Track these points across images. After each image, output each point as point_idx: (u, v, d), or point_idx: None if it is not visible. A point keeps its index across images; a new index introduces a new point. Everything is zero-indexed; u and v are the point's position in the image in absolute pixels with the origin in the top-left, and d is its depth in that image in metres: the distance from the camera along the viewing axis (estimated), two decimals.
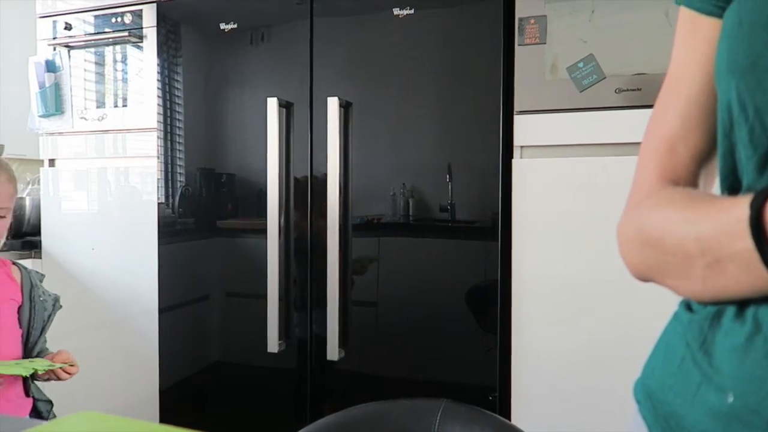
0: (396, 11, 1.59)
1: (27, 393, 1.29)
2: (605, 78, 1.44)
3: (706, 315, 0.49)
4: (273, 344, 1.68)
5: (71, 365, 1.26)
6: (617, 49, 1.44)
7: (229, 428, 1.80)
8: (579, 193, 1.46)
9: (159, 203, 1.91)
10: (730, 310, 0.47)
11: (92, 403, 2.10)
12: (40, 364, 1.21)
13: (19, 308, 1.29)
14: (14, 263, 1.35)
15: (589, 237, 1.42)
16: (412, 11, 1.57)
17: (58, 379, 1.25)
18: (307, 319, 1.70)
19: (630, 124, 1.34)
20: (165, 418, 1.89)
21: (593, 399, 1.43)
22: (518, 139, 1.54)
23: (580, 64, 1.47)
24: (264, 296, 1.68)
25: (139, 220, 1.99)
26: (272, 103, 1.66)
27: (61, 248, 2.15)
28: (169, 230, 1.90)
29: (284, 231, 1.70)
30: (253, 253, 1.72)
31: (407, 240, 1.62)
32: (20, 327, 1.28)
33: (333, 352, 1.61)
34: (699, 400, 0.47)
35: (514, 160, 1.53)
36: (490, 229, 1.52)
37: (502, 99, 1.52)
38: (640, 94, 1.40)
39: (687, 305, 0.53)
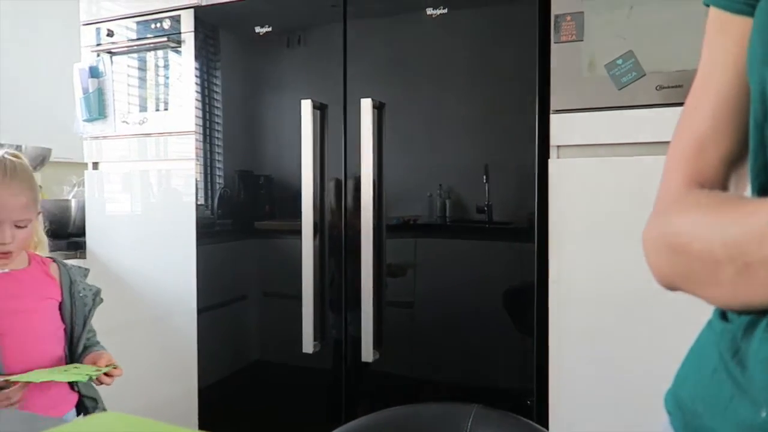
0: (429, 11, 1.58)
1: (72, 387, 1.32)
2: (645, 75, 1.40)
3: (740, 324, 0.47)
4: (308, 345, 1.69)
5: (114, 368, 1.27)
6: (657, 45, 1.39)
7: (265, 427, 1.82)
8: (617, 194, 1.42)
9: (197, 205, 1.95)
10: (765, 320, 0.44)
11: (132, 400, 2.15)
12: (88, 370, 1.23)
13: (61, 304, 1.32)
14: (54, 260, 1.38)
15: (627, 239, 1.38)
16: (445, 10, 1.56)
17: (101, 383, 1.27)
18: (342, 320, 1.70)
19: (671, 122, 1.26)
20: (203, 416, 1.93)
21: (633, 406, 1.39)
22: (554, 139, 1.51)
23: (619, 61, 1.43)
24: (300, 297, 1.69)
25: (178, 222, 2.04)
26: (306, 105, 1.68)
27: (105, 248, 2.22)
28: (207, 231, 1.94)
29: (319, 232, 1.71)
30: (290, 254, 1.73)
31: (444, 241, 1.61)
32: (63, 322, 1.31)
33: (367, 353, 1.61)
34: (731, 414, 0.45)
35: (550, 161, 1.50)
36: (527, 231, 1.50)
37: (538, 98, 1.50)
38: (681, 91, 1.35)
39: (721, 313, 0.51)
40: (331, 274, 1.72)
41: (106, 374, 1.25)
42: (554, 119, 1.50)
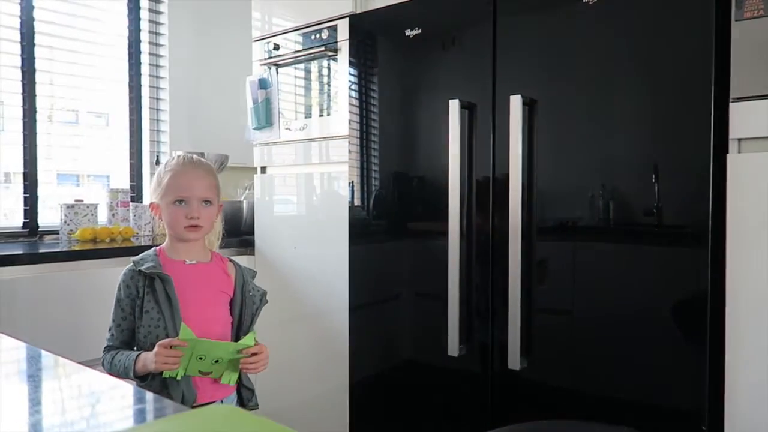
0: None
1: (241, 380, 1.44)
2: None
3: None
4: (453, 348, 1.66)
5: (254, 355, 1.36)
6: None
7: (412, 426, 1.83)
8: None
9: (351, 206, 2.02)
10: None
11: (288, 391, 2.29)
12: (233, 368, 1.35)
13: (232, 300, 1.45)
14: (230, 260, 1.52)
15: None
16: None
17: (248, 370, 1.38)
18: (488, 325, 1.65)
19: None
20: (354, 411, 1.99)
21: None
22: (735, 131, 1.32)
23: None
24: (447, 298, 1.67)
25: (335, 222, 2.13)
26: (454, 105, 1.65)
27: (270, 247, 2.39)
28: (360, 231, 2.00)
29: (466, 233, 1.68)
30: (439, 255, 1.72)
31: (606, 245, 1.49)
32: (231, 316, 1.44)
33: (514, 361, 1.54)
34: None
35: (728, 156, 1.32)
36: (700, 235, 1.33)
37: (714, 85, 1.32)
38: None
39: None
40: (477, 277, 1.68)
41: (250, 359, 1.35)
42: (734, 108, 1.32)
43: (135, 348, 1.38)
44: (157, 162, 2.90)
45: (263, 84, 2.35)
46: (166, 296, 1.34)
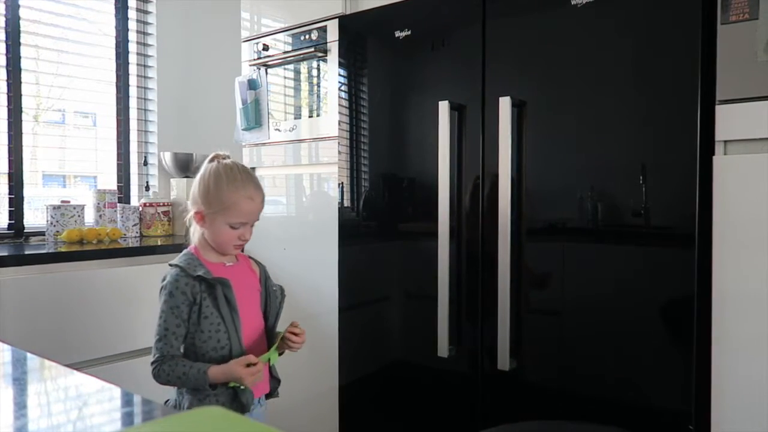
0: (574, 0, 1.48)
1: (271, 372, 1.51)
2: None
3: None
4: (443, 349, 1.66)
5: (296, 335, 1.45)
6: None
7: (403, 426, 1.83)
8: None
9: (340, 207, 2.01)
10: None
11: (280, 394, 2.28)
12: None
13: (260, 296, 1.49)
14: (251, 258, 1.55)
15: None
16: None
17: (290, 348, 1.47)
18: (477, 326, 1.66)
19: None
20: (344, 412, 1.99)
21: None
22: (721, 133, 1.33)
23: None
24: (436, 299, 1.68)
25: (324, 224, 2.12)
26: (443, 107, 1.66)
27: (259, 248, 2.38)
28: (350, 233, 1.99)
29: (455, 235, 1.68)
30: (429, 257, 1.72)
31: (594, 247, 1.50)
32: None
33: (503, 361, 1.55)
34: None
35: (715, 157, 1.33)
36: (687, 236, 1.34)
37: (701, 88, 1.33)
38: None
39: None
40: (467, 277, 1.68)
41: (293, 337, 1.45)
42: (720, 110, 1.33)
43: (183, 352, 1.39)
44: (145, 162, 2.88)
45: (252, 84, 2.35)
46: (225, 300, 1.35)
